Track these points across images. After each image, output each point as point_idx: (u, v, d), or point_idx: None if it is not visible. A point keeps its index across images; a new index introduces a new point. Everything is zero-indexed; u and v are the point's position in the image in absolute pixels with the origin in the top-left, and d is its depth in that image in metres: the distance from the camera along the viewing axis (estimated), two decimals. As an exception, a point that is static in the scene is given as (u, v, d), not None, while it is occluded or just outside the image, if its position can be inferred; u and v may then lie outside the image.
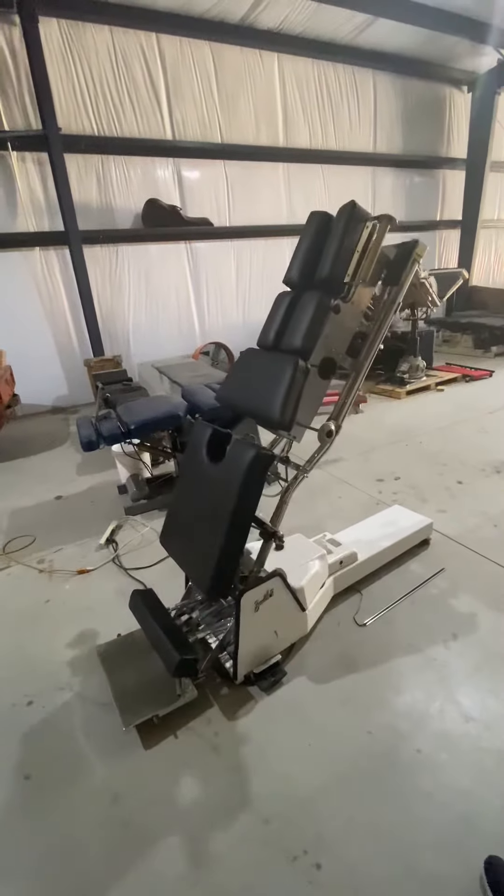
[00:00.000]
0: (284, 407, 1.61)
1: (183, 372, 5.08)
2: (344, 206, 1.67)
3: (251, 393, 1.75)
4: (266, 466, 1.59)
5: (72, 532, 3.03)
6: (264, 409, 1.66)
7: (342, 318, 1.71)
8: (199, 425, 1.84)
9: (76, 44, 5.31)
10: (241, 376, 1.88)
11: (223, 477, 1.61)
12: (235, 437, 1.70)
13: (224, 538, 1.53)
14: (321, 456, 1.77)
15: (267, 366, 1.74)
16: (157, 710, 1.64)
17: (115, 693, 1.72)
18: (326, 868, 1.25)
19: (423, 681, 1.79)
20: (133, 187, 6.02)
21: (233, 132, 6.45)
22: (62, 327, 6.03)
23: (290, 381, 1.61)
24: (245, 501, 1.55)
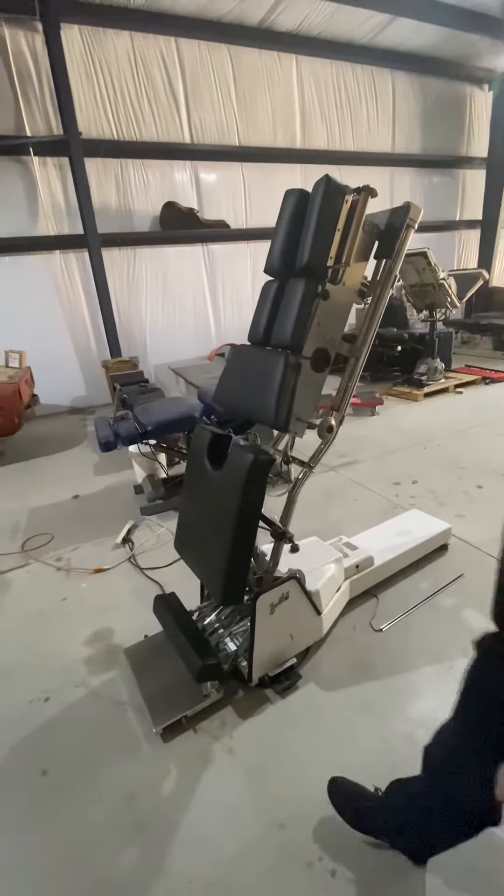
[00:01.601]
0: (279, 406, 1.53)
1: (198, 374, 5.11)
2: (318, 181, 1.49)
3: (245, 393, 1.67)
4: (265, 470, 1.52)
5: (89, 531, 3.06)
6: (259, 409, 1.58)
7: (332, 304, 1.55)
8: (199, 429, 1.78)
9: (97, 50, 5.40)
10: (234, 376, 1.78)
11: (225, 483, 1.57)
12: (235, 439, 1.65)
13: (230, 546, 1.51)
14: (325, 451, 1.70)
15: (258, 364, 1.64)
16: (185, 711, 1.66)
17: (145, 694, 1.74)
18: (341, 876, 1.24)
19: (441, 689, 1.76)
20: (151, 190, 6.09)
21: (250, 134, 6.47)
22: (81, 329, 6.12)
23: (282, 379, 1.52)
24: (247, 507, 1.50)
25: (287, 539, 1.71)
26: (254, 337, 1.75)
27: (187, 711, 1.67)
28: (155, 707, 1.69)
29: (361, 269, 1.59)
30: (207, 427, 1.76)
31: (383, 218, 1.61)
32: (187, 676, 1.71)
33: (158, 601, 1.94)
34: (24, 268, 5.59)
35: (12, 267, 5.53)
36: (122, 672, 1.92)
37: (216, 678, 1.66)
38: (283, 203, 1.62)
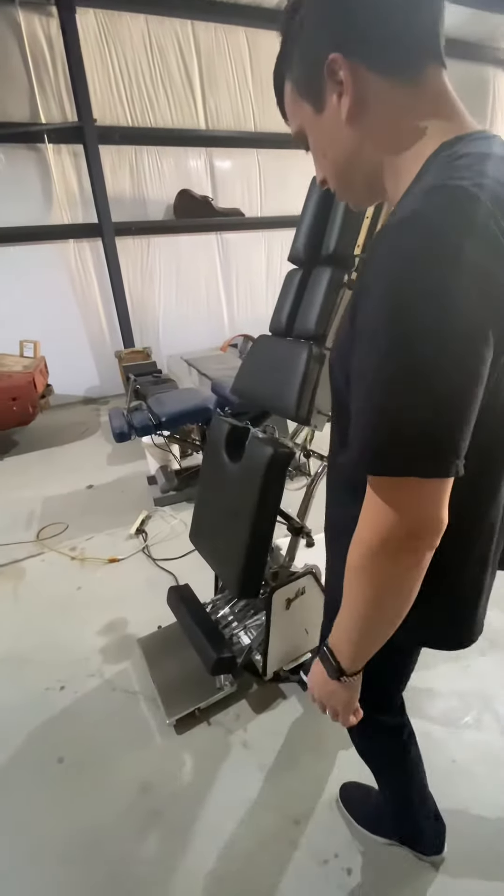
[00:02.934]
0: (301, 398, 1.49)
1: (212, 364, 5.07)
2: None
3: (266, 384, 1.64)
4: (285, 465, 1.49)
5: (103, 521, 3.08)
6: (280, 401, 1.55)
7: None
8: (217, 420, 1.76)
9: (112, 34, 5.31)
10: (254, 366, 1.75)
11: (243, 476, 1.55)
12: (253, 432, 1.63)
13: (247, 540, 1.48)
14: None
15: (280, 354, 1.62)
16: (198, 703, 1.66)
17: (158, 686, 1.74)
18: (357, 875, 1.23)
19: (459, 688, 1.73)
20: (165, 178, 6.02)
21: (266, 120, 6.34)
22: (94, 319, 6.11)
23: (305, 371, 1.48)
24: (266, 501, 1.48)
25: (304, 534, 1.68)
26: (275, 327, 1.71)
27: (200, 704, 1.66)
28: (168, 698, 1.69)
29: None
30: (226, 419, 1.73)
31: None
32: (200, 668, 1.71)
33: (172, 592, 1.93)
34: (38, 257, 5.58)
35: (26, 256, 5.53)
36: (136, 663, 1.93)
37: (230, 671, 1.65)
38: (310, 190, 1.58)
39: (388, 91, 0.58)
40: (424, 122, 0.59)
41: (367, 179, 0.65)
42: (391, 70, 0.57)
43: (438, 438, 0.51)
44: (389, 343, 0.51)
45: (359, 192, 0.70)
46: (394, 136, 0.60)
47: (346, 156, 0.64)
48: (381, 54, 0.56)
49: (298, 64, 0.63)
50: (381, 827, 1.28)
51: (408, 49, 0.56)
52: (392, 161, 0.61)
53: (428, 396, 0.50)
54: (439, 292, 0.48)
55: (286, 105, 0.69)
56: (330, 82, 0.59)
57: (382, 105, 0.58)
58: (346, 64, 0.56)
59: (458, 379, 0.50)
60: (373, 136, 0.61)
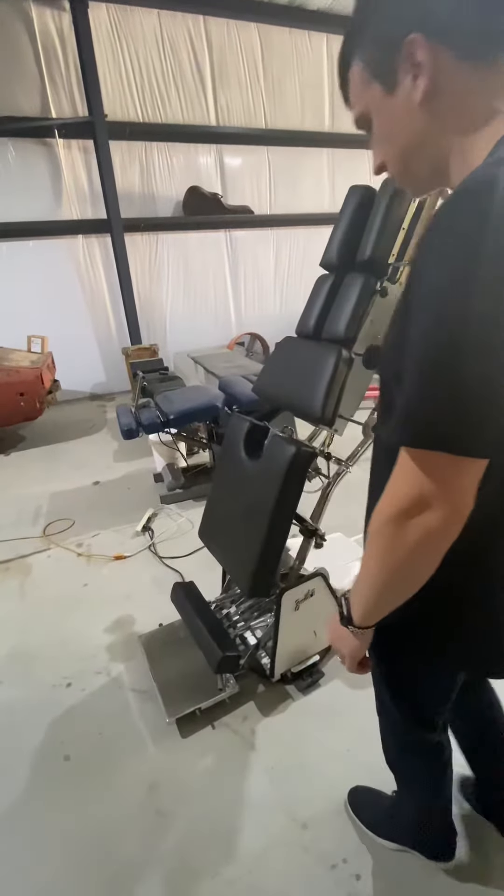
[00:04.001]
0: (327, 400, 1.50)
1: (218, 362, 5.06)
2: (388, 178, 1.53)
3: (291, 385, 1.65)
4: (307, 464, 1.50)
5: (109, 517, 3.07)
6: (305, 402, 1.55)
7: (389, 303, 1.56)
8: (236, 418, 1.77)
9: (124, 29, 5.29)
10: (279, 367, 1.77)
11: (262, 474, 1.55)
12: (274, 431, 1.63)
13: (264, 538, 1.48)
14: (364, 450, 1.68)
15: (307, 356, 1.63)
16: (199, 704, 1.64)
17: (159, 684, 1.73)
18: (366, 880, 1.22)
19: (468, 693, 1.71)
20: (175, 175, 6.00)
21: (277, 117, 6.30)
22: (102, 315, 6.11)
23: (333, 373, 1.49)
24: (285, 501, 1.48)
25: (317, 537, 1.67)
26: (303, 330, 1.73)
27: (202, 704, 1.64)
28: (168, 697, 1.67)
29: None
30: (246, 417, 1.73)
31: None
32: (202, 668, 1.70)
33: (177, 589, 1.91)
34: (47, 252, 5.58)
35: (36, 251, 5.53)
36: (142, 661, 1.91)
37: (234, 671, 1.64)
38: (347, 198, 1.61)
39: (464, 73, 0.56)
40: (498, 102, 0.57)
41: (433, 163, 0.64)
42: (470, 52, 0.55)
43: (478, 417, 0.50)
44: (441, 312, 0.50)
45: (421, 177, 0.69)
46: (466, 119, 0.59)
47: (414, 138, 0.63)
48: (461, 36, 0.55)
49: (371, 43, 0.62)
50: (393, 832, 1.26)
51: (488, 32, 0.55)
52: (461, 143, 0.60)
53: (473, 373, 0.49)
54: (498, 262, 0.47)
55: (352, 87, 0.66)
56: (406, 63, 0.58)
57: (457, 87, 0.57)
58: (426, 45, 0.55)
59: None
60: (445, 118, 0.59)
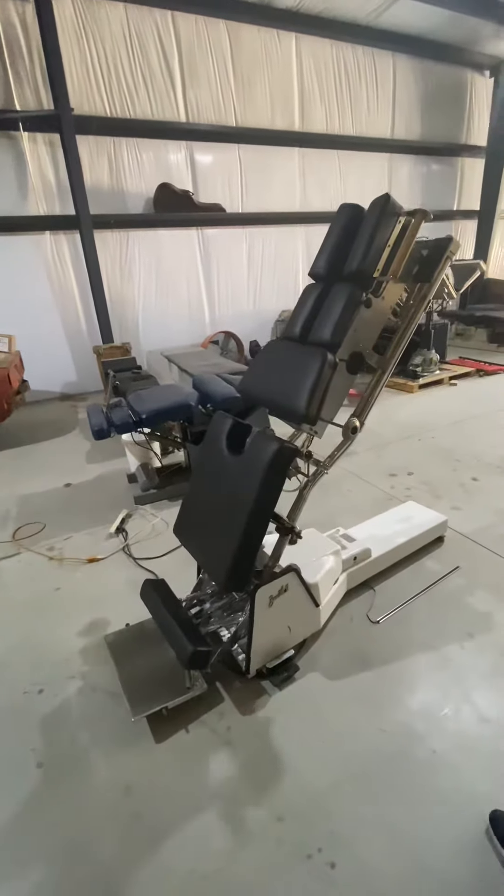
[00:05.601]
0: (311, 400, 1.57)
1: (192, 361, 5.03)
2: (378, 199, 1.62)
3: (276, 385, 1.71)
4: (289, 461, 1.56)
5: (81, 520, 3.02)
6: (290, 401, 1.62)
7: (372, 314, 1.67)
8: (218, 416, 1.82)
9: (90, 22, 5.18)
10: (265, 367, 1.84)
11: (244, 469, 1.59)
12: (256, 429, 1.67)
13: (243, 532, 1.50)
14: (342, 452, 1.75)
15: (294, 358, 1.70)
16: (166, 702, 1.62)
17: (124, 683, 1.70)
18: (341, 867, 1.24)
19: (439, 680, 1.77)
20: (145, 171, 5.92)
21: (248, 115, 6.30)
22: (72, 314, 5.98)
23: (318, 374, 1.57)
24: (266, 496, 1.53)
25: (294, 535, 1.69)
26: (290, 334, 1.81)
27: (168, 703, 1.62)
28: (134, 696, 1.64)
29: (399, 290, 1.73)
30: (228, 415, 1.78)
31: (425, 247, 1.73)
32: (170, 667, 1.70)
33: (147, 586, 1.89)
34: (12, 249, 5.42)
35: (1, 247, 5.36)
36: (117, 663, 1.90)
37: (204, 667, 1.63)
38: (338, 215, 1.72)
39: None
40: None
41: None
42: None
43: None
44: None
45: None
46: None
47: None
48: None
49: None
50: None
51: None
52: None
53: None
54: None
55: None
56: None
57: None
58: None
59: None
60: None
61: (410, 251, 1.62)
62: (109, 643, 1.90)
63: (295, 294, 7.48)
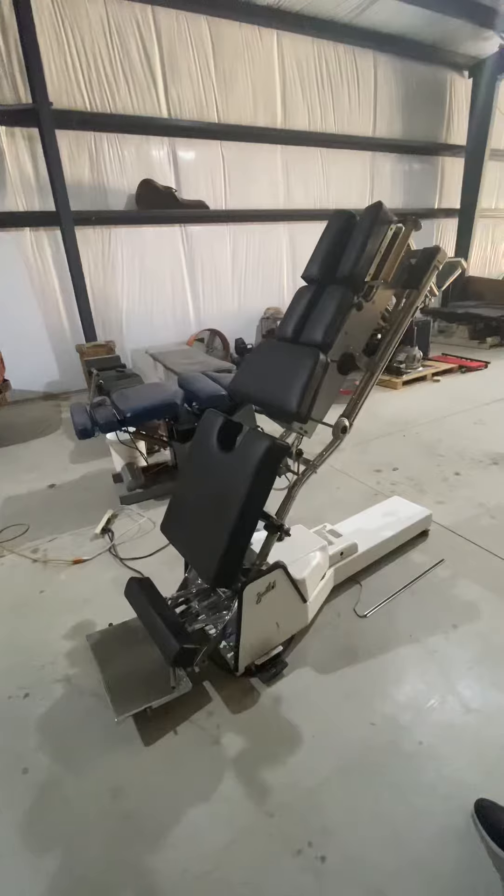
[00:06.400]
0: (303, 399, 1.60)
1: (178, 359, 5.00)
2: (370, 207, 1.66)
3: (268, 383, 1.74)
4: (280, 458, 1.58)
5: (66, 521, 2.97)
6: (281, 399, 1.64)
7: (362, 317, 1.70)
8: (209, 413, 1.83)
9: (69, 15, 5.09)
10: (257, 366, 1.86)
11: (235, 465, 1.59)
12: (247, 427, 1.68)
13: (233, 528, 1.51)
14: (332, 452, 1.78)
15: (286, 357, 1.72)
16: (150, 702, 1.60)
17: (107, 683, 1.67)
18: (331, 860, 1.25)
19: (425, 672, 1.79)
20: (127, 167, 5.85)
21: (230, 112, 6.27)
22: (53, 312, 5.89)
23: (310, 373, 1.60)
24: (256, 492, 1.54)
25: (283, 532, 1.70)
26: (282, 334, 1.84)
27: (153, 702, 1.60)
28: (118, 696, 1.62)
29: (388, 297, 1.78)
30: (219, 412, 1.79)
31: (416, 253, 1.78)
32: (155, 666, 1.69)
33: (132, 584, 1.87)
34: (-9, 245, 5.31)
35: (-21, 244, 5.25)
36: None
37: (190, 665, 1.62)
38: (331, 221, 1.78)
39: None
40: None
41: None
42: None
43: None
44: None
45: None
46: None
47: None
48: None
49: None
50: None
51: None
52: None
53: None
54: None
55: None
56: None
57: None
58: None
59: None
60: None
61: (401, 259, 1.68)
62: (92, 644, 1.87)
63: (280, 291, 7.50)
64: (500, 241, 10.11)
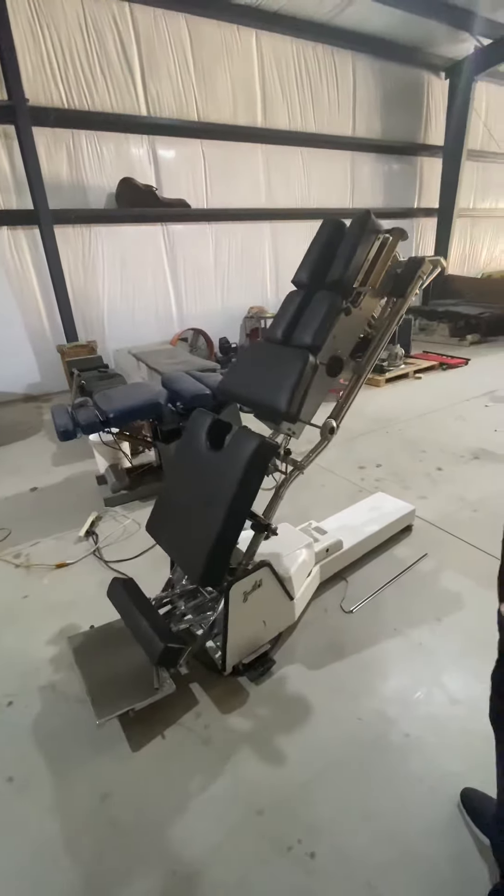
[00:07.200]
0: (292, 399, 1.62)
1: (161, 359, 4.95)
2: (359, 216, 1.70)
3: (258, 384, 1.76)
4: (269, 457, 1.60)
5: (49, 525, 2.92)
6: (271, 399, 1.66)
7: (350, 322, 1.74)
8: (198, 412, 1.84)
9: (44, 11, 5.00)
10: (247, 367, 1.89)
11: (224, 463, 1.60)
12: (237, 427, 1.69)
13: (220, 526, 1.51)
14: (319, 453, 1.81)
15: (276, 358, 1.75)
16: (132, 704, 1.56)
17: (89, 687, 1.63)
18: (321, 856, 1.25)
19: (410, 665, 1.81)
20: (106, 165, 5.78)
21: (210, 110, 6.25)
22: (33, 312, 5.79)
23: (300, 374, 1.62)
24: (245, 491, 1.54)
25: (270, 531, 1.71)
26: (272, 337, 1.87)
27: (135, 705, 1.56)
28: (99, 699, 1.58)
29: (375, 304, 1.82)
30: (208, 412, 1.80)
31: (401, 264, 1.83)
32: (137, 668, 1.67)
33: (115, 585, 1.85)
34: (-33, 244, 5.19)
35: (-46, 243, 5.13)
36: (90, 669, 1.85)
37: (174, 665, 1.61)
38: (321, 229, 1.81)
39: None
40: None
41: None
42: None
43: None
44: None
45: None
46: None
47: None
48: None
49: None
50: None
51: None
52: None
53: None
54: None
55: None
56: None
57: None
58: None
59: None
60: None
61: (387, 267, 1.74)
62: (74, 647, 1.83)
63: (263, 290, 7.50)
64: (478, 240, 10.30)
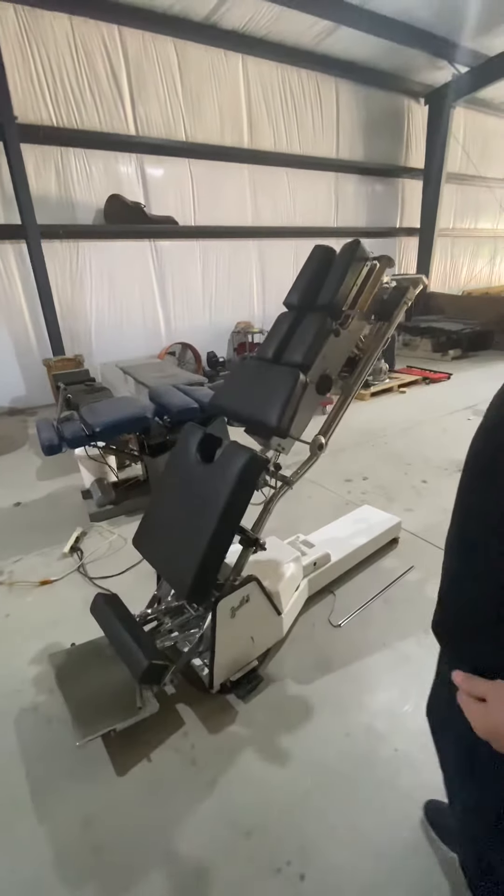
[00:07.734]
0: (283, 414, 1.66)
1: (149, 372, 4.96)
2: (348, 244, 1.78)
3: (250, 400, 1.80)
4: (259, 471, 1.62)
5: (32, 541, 2.87)
6: (262, 415, 1.69)
7: (339, 343, 1.80)
8: (189, 426, 1.85)
9: (34, 31, 5.09)
10: (238, 383, 1.93)
11: (214, 477, 1.60)
12: (227, 441, 1.71)
13: (209, 541, 1.50)
14: (308, 468, 1.84)
15: (267, 376, 1.80)
16: (114, 724, 1.51)
17: (70, 705, 1.59)
18: (311, 878, 1.23)
19: (399, 679, 1.81)
20: (94, 182, 5.85)
21: (197, 131, 6.38)
22: (19, 325, 5.76)
23: (291, 390, 1.67)
24: (235, 505, 1.55)
25: (258, 546, 1.71)
26: (263, 355, 1.92)
27: (117, 724, 1.52)
28: (80, 718, 1.53)
29: (362, 326, 1.89)
30: (199, 426, 1.82)
31: (388, 290, 1.90)
32: (120, 687, 1.63)
33: (99, 600, 1.81)
34: (-47, 258, 5.17)
35: None
36: (74, 689, 1.81)
37: (159, 682, 1.58)
38: (312, 254, 1.89)
39: None
40: None
41: None
42: None
43: None
44: None
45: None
46: None
47: None
48: None
49: None
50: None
51: None
52: None
53: None
54: None
55: None
56: None
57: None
58: None
59: None
60: None
61: (375, 293, 1.81)
62: (56, 665, 1.77)
63: (250, 306, 7.60)
64: (459, 259, 10.62)
